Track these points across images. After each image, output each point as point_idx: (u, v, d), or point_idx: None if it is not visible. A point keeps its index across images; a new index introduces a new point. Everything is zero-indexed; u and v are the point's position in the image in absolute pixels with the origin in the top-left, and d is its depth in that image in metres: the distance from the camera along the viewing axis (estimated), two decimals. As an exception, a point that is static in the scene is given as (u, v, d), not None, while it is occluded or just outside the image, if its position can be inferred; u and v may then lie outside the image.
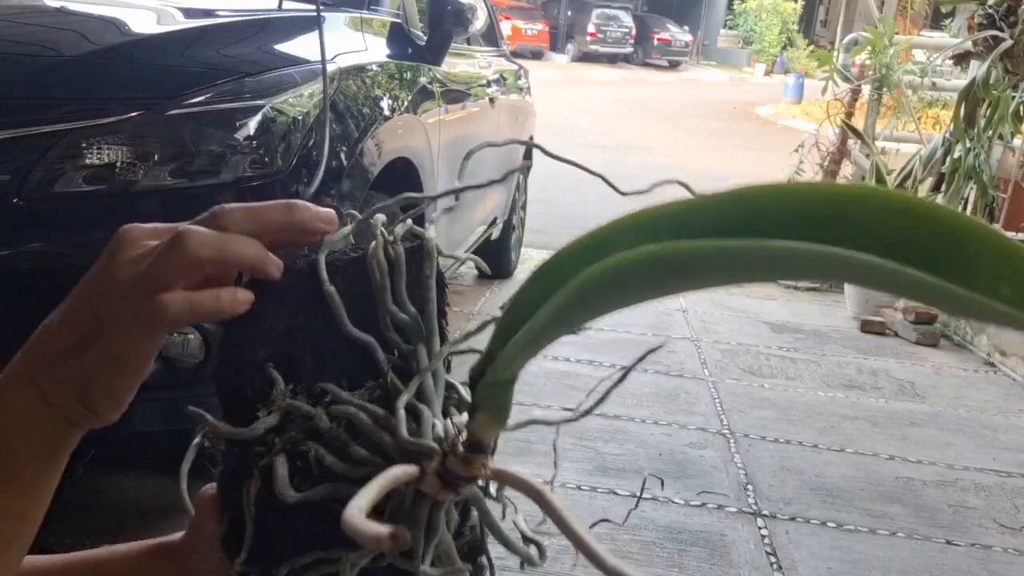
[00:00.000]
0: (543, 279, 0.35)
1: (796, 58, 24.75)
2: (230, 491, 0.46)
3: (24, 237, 1.64)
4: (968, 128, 4.09)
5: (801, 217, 0.28)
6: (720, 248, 0.28)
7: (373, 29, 2.55)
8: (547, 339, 0.36)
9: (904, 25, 7.11)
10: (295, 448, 0.43)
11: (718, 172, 9.95)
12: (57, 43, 1.85)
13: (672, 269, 0.30)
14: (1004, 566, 2.14)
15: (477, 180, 0.49)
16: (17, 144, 1.63)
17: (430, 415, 0.43)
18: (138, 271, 0.43)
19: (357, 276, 0.46)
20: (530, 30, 24.28)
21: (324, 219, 0.47)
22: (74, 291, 0.45)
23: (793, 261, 0.28)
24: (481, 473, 0.41)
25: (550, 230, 5.64)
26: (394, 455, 0.42)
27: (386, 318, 0.45)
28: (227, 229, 0.45)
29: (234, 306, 0.45)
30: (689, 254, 0.29)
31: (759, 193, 0.29)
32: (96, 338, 0.43)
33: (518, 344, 0.36)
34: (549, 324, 0.34)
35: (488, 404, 0.40)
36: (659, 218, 0.31)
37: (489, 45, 4.19)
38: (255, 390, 0.45)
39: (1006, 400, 3.42)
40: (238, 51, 1.99)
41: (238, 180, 1.73)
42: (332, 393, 0.44)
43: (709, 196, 0.30)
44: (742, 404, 3.09)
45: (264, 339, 0.46)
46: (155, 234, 0.45)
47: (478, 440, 0.41)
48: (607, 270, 0.30)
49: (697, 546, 2.08)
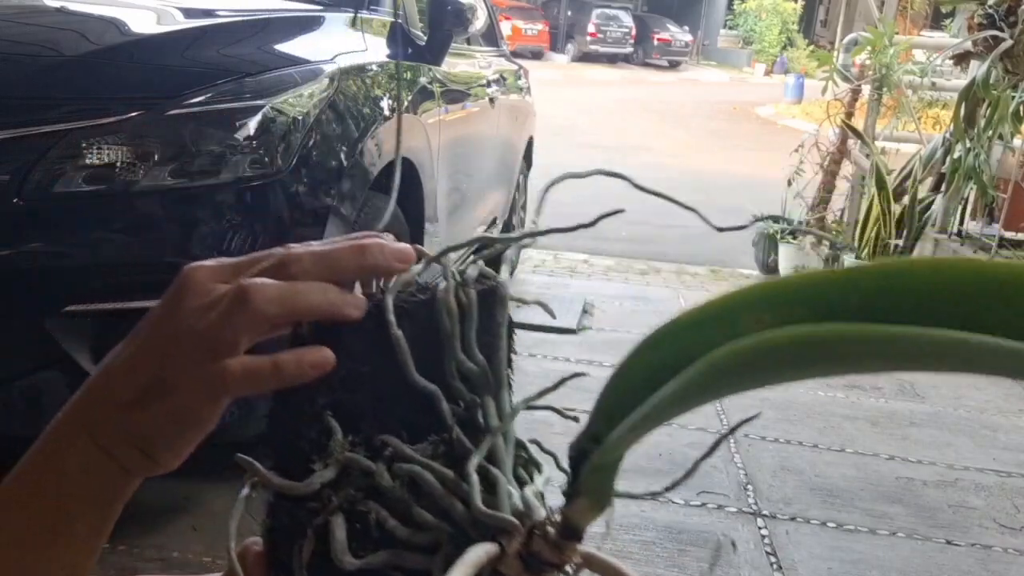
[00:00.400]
0: (658, 349, 0.32)
1: (796, 58, 24.75)
2: (279, 551, 0.42)
3: (24, 237, 1.63)
4: (968, 128, 4.09)
5: (957, 297, 0.25)
6: (883, 336, 0.25)
7: (373, 29, 2.55)
8: (664, 420, 0.33)
9: (904, 25, 7.10)
10: (353, 507, 0.40)
11: (718, 172, 9.95)
12: (57, 43, 1.85)
13: (822, 353, 0.27)
14: (1004, 566, 2.14)
15: (477, 180, 0.48)
16: (17, 144, 1.63)
17: (505, 483, 0.40)
18: (203, 326, 0.41)
19: (424, 320, 0.43)
20: (530, 30, 24.28)
21: (401, 258, 0.44)
22: (137, 334, 0.43)
23: (965, 354, 0.25)
24: (572, 561, 0.38)
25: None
26: (465, 525, 0.38)
27: (452, 366, 0.42)
28: (295, 278, 0.42)
29: (299, 377, 0.42)
30: (846, 339, 0.26)
31: (908, 269, 0.26)
32: (159, 395, 0.41)
33: (632, 426, 0.33)
34: (670, 406, 0.31)
35: (592, 490, 0.37)
36: (793, 291, 0.28)
37: (489, 45, 4.19)
38: (310, 441, 0.42)
39: (1006, 400, 3.42)
40: (238, 51, 1.99)
41: (238, 180, 1.73)
42: (395, 448, 0.41)
43: (852, 270, 0.27)
44: (742, 404, 3.09)
45: (322, 384, 0.42)
46: (221, 274, 0.42)
47: (574, 526, 0.38)
48: (746, 351, 0.27)
49: (697, 546, 2.08)
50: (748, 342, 0.27)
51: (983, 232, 4.52)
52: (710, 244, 6.54)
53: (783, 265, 5.24)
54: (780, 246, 5.25)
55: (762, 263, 5.47)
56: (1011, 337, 0.24)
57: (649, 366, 0.32)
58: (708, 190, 8.81)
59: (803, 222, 5.21)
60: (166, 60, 1.85)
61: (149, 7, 2.15)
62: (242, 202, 1.75)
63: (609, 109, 15.29)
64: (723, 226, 0.43)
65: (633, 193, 0.46)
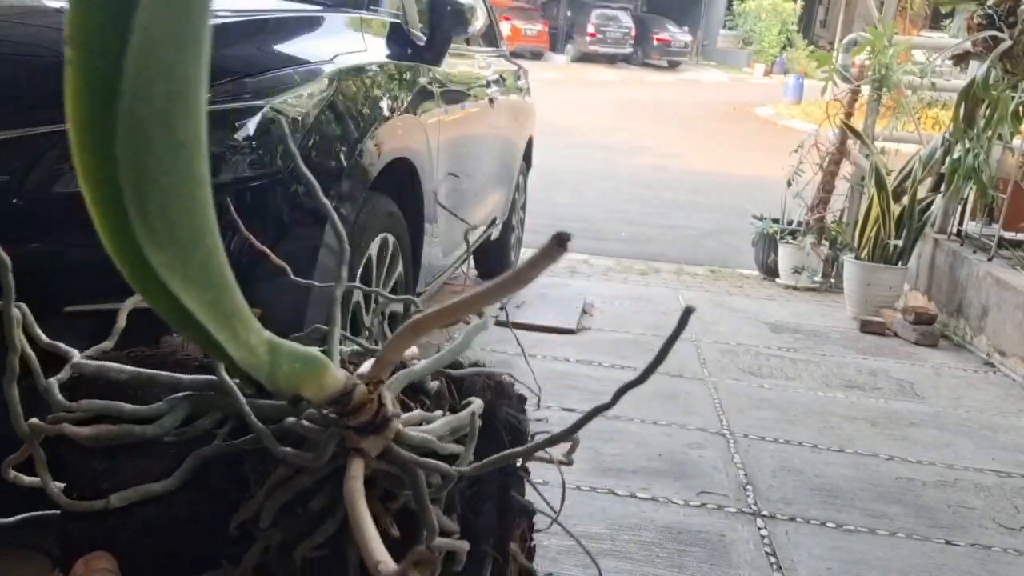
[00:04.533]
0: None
1: (795, 58, 24.76)
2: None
3: (24, 237, 1.63)
4: (967, 128, 4.09)
5: None
6: None
7: (373, 29, 2.55)
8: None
9: (904, 25, 7.10)
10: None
11: (718, 172, 9.95)
12: (57, 43, 1.85)
13: None
14: (1004, 566, 2.14)
15: (477, 180, 0.48)
16: (17, 144, 1.62)
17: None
18: None
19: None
20: (530, 30, 24.29)
21: None
22: None
23: None
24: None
25: (550, 230, 5.63)
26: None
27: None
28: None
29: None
30: None
31: None
32: None
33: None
34: None
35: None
36: None
37: (489, 45, 4.19)
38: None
39: (1006, 400, 3.42)
40: (238, 51, 1.99)
41: (237, 180, 1.73)
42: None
43: None
44: (742, 404, 3.09)
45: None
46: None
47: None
48: None
49: (697, 546, 2.08)
50: None
51: (982, 232, 4.52)
52: (709, 244, 6.54)
53: (782, 265, 5.24)
54: (779, 246, 5.25)
55: (761, 263, 5.47)
56: None
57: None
58: (708, 190, 8.81)
59: (803, 222, 5.22)
60: (166, 60, 1.85)
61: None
62: (241, 202, 1.75)
63: (608, 110, 15.29)
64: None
65: (631, 194, 0.46)
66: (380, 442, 0.41)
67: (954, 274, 4.39)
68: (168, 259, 0.30)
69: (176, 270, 0.30)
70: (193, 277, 0.32)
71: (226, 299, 0.35)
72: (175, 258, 0.31)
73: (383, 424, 0.41)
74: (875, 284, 4.50)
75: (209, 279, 0.34)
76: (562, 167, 7.44)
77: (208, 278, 0.34)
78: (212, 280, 0.34)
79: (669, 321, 4.11)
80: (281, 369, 0.40)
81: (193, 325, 0.33)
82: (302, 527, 0.40)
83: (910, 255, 4.60)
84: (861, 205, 5.00)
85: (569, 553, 1.93)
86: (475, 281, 4.49)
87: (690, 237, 6.74)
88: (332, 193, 1.95)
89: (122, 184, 0.28)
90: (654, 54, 26.76)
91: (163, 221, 0.31)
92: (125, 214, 0.28)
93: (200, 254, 0.33)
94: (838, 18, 15.58)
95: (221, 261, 0.34)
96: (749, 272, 5.57)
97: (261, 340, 0.38)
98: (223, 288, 0.35)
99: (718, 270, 5.58)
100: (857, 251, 4.64)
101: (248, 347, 0.37)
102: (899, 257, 4.53)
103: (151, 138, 0.30)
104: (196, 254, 0.32)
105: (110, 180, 0.29)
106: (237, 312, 0.36)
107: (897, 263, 4.53)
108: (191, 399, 0.43)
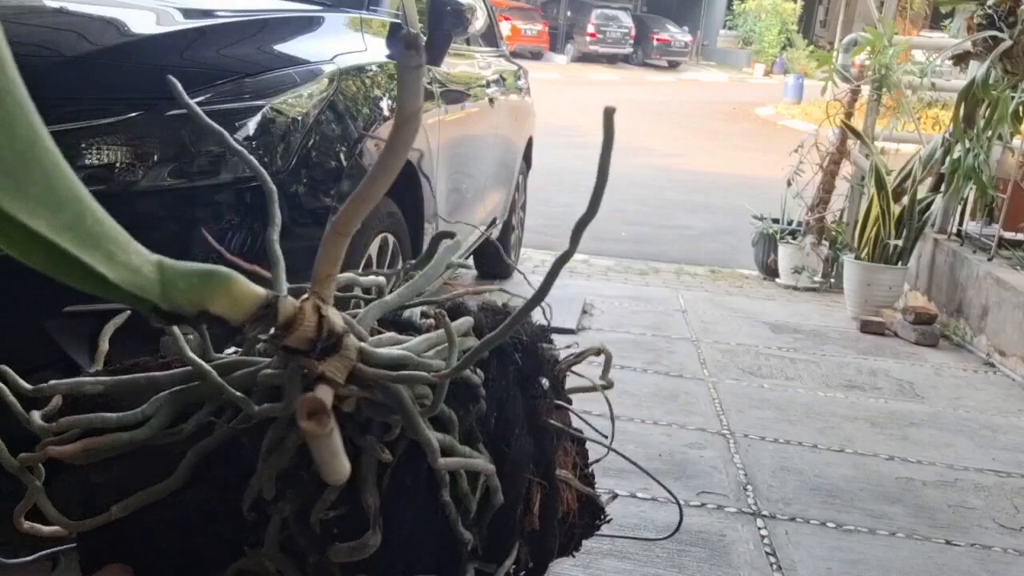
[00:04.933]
0: None
1: (795, 58, 24.75)
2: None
3: (24, 237, 1.63)
4: (967, 128, 4.09)
5: None
6: None
7: (373, 29, 2.55)
8: None
9: (903, 25, 7.10)
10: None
11: (718, 172, 9.95)
12: (57, 43, 1.85)
13: None
14: (1004, 566, 2.14)
15: (476, 180, 0.48)
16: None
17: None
18: None
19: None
20: (529, 30, 24.29)
21: None
22: None
23: None
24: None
25: (549, 230, 5.64)
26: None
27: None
28: None
29: None
30: None
31: None
32: None
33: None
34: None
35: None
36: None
37: (488, 45, 4.19)
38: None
39: (1006, 400, 3.42)
40: (238, 51, 1.99)
41: (237, 180, 1.73)
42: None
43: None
44: (742, 404, 3.09)
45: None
46: None
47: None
48: None
49: (697, 546, 2.08)
50: None
51: (982, 232, 4.52)
52: (709, 245, 6.54)
53: (782, 265, 5.24)
54: (780, 246, 5.25)
55: (761, 263, 5.47)
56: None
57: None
58: (708, 190, 8.81)
59: (803, 222, 5.22)
60: (166, 60, 1.85)
61: (149, 7, 2.15)
62: (241, 202, 1.75)
63: (609, 109, 15.28)
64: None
65: (631, 194, 0.46)
66: (342, 363, 0.39)
67: (954, 274, 4.39)
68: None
69: (11, 192, 0.29)
70: (38, 198, 0.30)
71: (87, 220, 0.34)
72: (8, 183, 0.29)
73: (337, 343, 0.40)
74: (875, 284, 4.50)
75: (58, 200, 0.32)
76: (562, 167, 7.44)
77: (56, 198, 0.32)
78: (62, 201, 0.32)
79: (669, 321, 4.11)
80: (177, 287, 0.38)
81: (50, 252, 0.31)
82: (311, 491, 0.40)
83: (910, 255, 4.60)
84: (861, 205, 5.00)
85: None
86: (475, 280, 4.49)
87: (690, 237, 6.74)
88: (332, 193, 1.95)
89: None
90: (654, 54, 26.76)
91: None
92: None
93: (37, 174, 0.32)
94: (838, 18, 15.61)
95: (72, 184, 0.33)
96: (749, 272, 5.56)
97: (145, 260, 0.37)
98: (81, 209, 0.34)
99: (718, 270, 5.58)
100: (857, 251, 4.64)
101: (129, 268, 0.36)
102: (899, 257, 4.53)
103: None
104: (32, 174, 0.31)
105: None
106: (107, 234, 0.35)
107: (897, 263, 4.53)
108: (174, 395, 0.43)
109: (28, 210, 0.29)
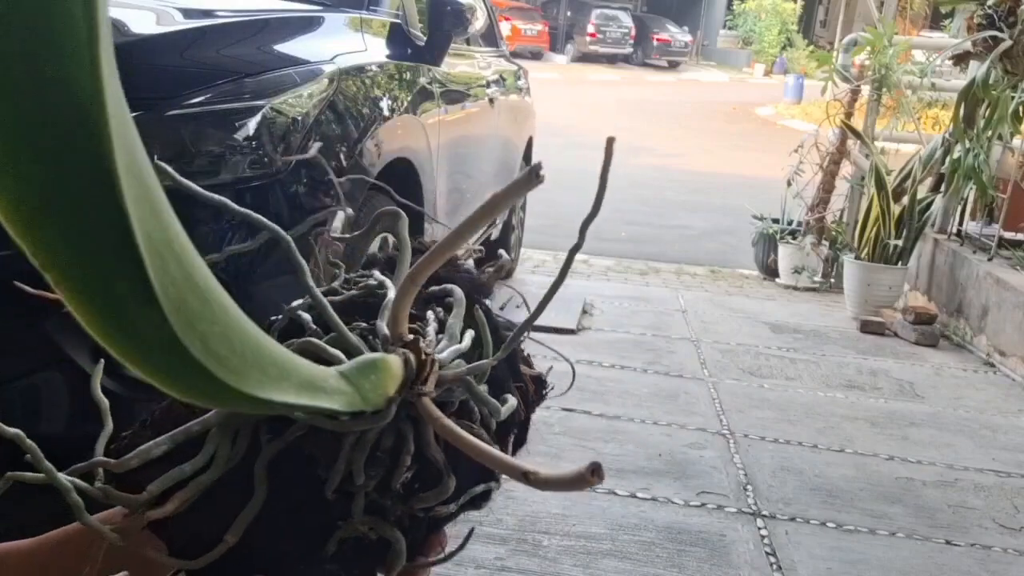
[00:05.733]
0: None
1: (795, 58, 24.75)
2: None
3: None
4: (967, 128, 4.09)
5: None
6: None
7: (373, 29, 2.55)
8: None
9: (903, 25, 7.10)
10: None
11: (718, 172, 9.95)
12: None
13: None
14: (1004, 566, 2.14)
15: (476, 180, 0.49)
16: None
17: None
18: None
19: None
20: (529, 30, 24.29)
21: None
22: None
23: None
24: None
25: (550, 230, 5.64)
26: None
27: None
28: None
29: None
30: None
31: None
32: None
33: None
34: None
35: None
36: None
37: (488, 45, 4.19)
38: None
39: (1006, 400, 3.42)
40: (237, 51, 1.99)
41: (237, 180, 1.73)
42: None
43: None
44: (742, 404, 3.09)
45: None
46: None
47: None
48: None
49: (697, 546, 2.08)
50: None
51: (982, 232, 4.52)
52: (709, 245, 6.54)
53: (782, 265, 5.24)
54: (779, 246, 5.25)
55: (761, 263, 5.47)
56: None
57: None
58: (708, 190, 8.81)
59: (802, 222, 5.22)
60: (165, 60, 1.85)
61: (148, 7, 2.15)
62: (241, 202, 1.75)
63: (609, 110, 15.30)
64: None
65: (631, 194, 0.46)
66: (433, 378, 0.47)
67: (954, 274, 4.39)
68: (227, 372, 0.30)
69: (232, 372, 0.31)
70: (256, 383, 0.32)
71: (296, 376, 0.36)
72: (233, 378, 0.31)
73: (432, 365, 0.47)
74: (875, 284, 4.50)
75: (273, 365, 0.34)
76: (562, 167, 7.45)
77: (272, 365, 0.34)
78: (270, 364, 0.34)
79: (669, 321, 4.11)
80: (365, 389, 0.41)
81: (275, 407, 0.33)
82: (387, 464, 0.45)
83: (910, 255, 4.60)
84: (861, 205, 5.00)
85: (568, 553, 1.93)
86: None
87: (690, 237, 6.74)
88: (333, 193, 1.95)
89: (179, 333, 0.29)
90: (654, 54, 26.76)
91: (224, 347, 0.31)
92: (185, 351, 0.29)
93: (252, 363, 0.33)
94: (838, 18, 15.61)
95: (274, 349, 0.35)
96: (749, 272, 5.56)
97: (337, 383, 0.39)
98: (291, 368, 0.36)
99: (718, 270, 5.58)
100: (857, 251, 4.64)
101: (338, 394, 0.38)
102: (899, 257, 4.53)
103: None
104: (248, 366, 0.33)
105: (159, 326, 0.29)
106: (312, 379, 0.37)
107: (897, 263, 4.53)
108: (222, 429, 0.45)
109: (258, 386, 0.31)
